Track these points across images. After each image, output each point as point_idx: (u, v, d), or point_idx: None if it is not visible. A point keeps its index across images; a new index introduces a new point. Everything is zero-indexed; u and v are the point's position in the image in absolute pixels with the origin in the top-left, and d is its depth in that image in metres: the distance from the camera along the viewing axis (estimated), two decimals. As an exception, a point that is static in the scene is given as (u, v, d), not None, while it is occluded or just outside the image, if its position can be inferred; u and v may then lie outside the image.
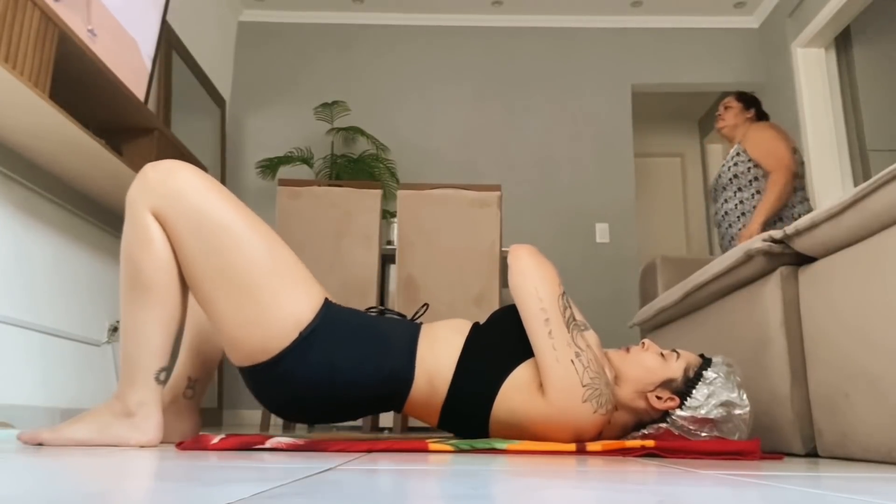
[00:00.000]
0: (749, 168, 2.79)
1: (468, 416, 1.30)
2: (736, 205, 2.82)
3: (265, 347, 1.22)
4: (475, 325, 1.38)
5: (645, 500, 0.57)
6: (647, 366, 1.34)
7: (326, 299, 1.29)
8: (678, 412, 1.30)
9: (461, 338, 1.33)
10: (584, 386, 1.20)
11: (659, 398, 1.32)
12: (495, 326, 1.36)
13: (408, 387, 1.28)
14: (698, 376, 1.32)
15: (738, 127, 2.94)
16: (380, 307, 1.46)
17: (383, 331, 1.31)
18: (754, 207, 2.76)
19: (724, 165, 2.90)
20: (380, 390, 1.28)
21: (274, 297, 1.20)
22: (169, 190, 1.19)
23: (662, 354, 1.36)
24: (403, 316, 1.46)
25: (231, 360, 1.28)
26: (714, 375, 1.31)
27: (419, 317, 1.55)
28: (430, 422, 1.36)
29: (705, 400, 1.29)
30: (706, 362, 1.35)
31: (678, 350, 1.38)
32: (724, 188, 2.88)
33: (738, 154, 2.84)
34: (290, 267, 1.24)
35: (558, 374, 1.20)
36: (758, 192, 2.76)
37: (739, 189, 2.81)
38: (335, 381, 1.24)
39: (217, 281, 1.19)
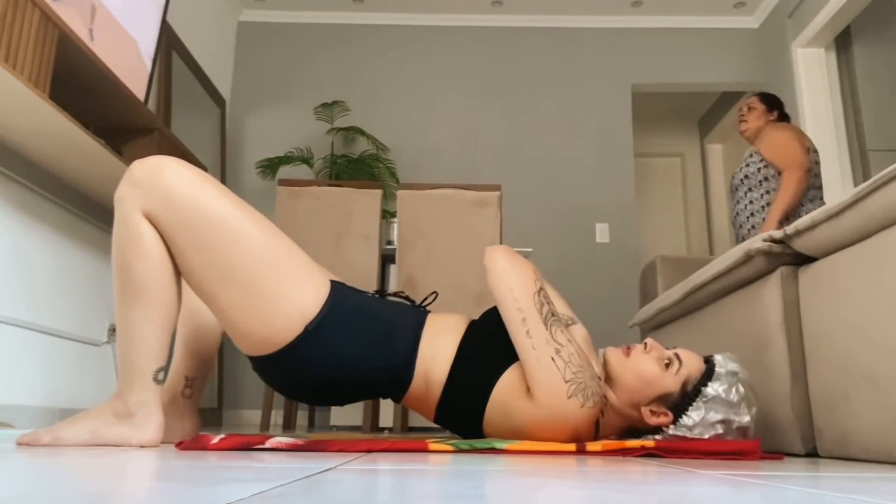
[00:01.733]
0: (759, 169, 2.80)
1: (462, 417, 1.31)
2: (746, 205, 2.84)
3: (271, 341, 1.22)
4: (471, 324, 1.37)
5: (645, 500, 0.57)
6: (644, 377, 1.28)
7: (333, 285, 1.27)
8: (670, 429, 1.27)
9: (457, 338, 1.32)
10: (566, 381, 1.18)
11: (653, 412, 1.28)
12: (486, 328, 1.34)
13: (407, 381, 1.29)
14: (697, 392, 1.26)
15: (761, 129, 2.93)
16: (385, 291, 1.45)
17: (390, 321, 1.30)
18: (763, 208, 2.77)
19: (738, 167, 2.93)
20: (381, 379, 1.29)
21: (277, 290, 1.19)
22: (158, 188, 1.16)
23: (665, 362, 1.29)
24: (412, 301, 1.45)
25: (237, 347, 1.27)
26: (714, 393, 1.25)
27: (427, 304, 1.52)
28: (427, 417, 1.36)
29: (700, 420, 1.25)
30: (707, 374, 1.27)
31: (681, 355, 1.30)
32: (737, 189, 2.91)
33: (750, 156, 2.85)
34: (291, 257, 1.22)
35: (540, 373, 1.19)
36: (767, 192, 2.77)
37: (750, 189, 2.82)
38: (341, 370, 1.25)
39: (215, 277, 1.17)
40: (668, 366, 1.28)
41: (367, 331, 1.26)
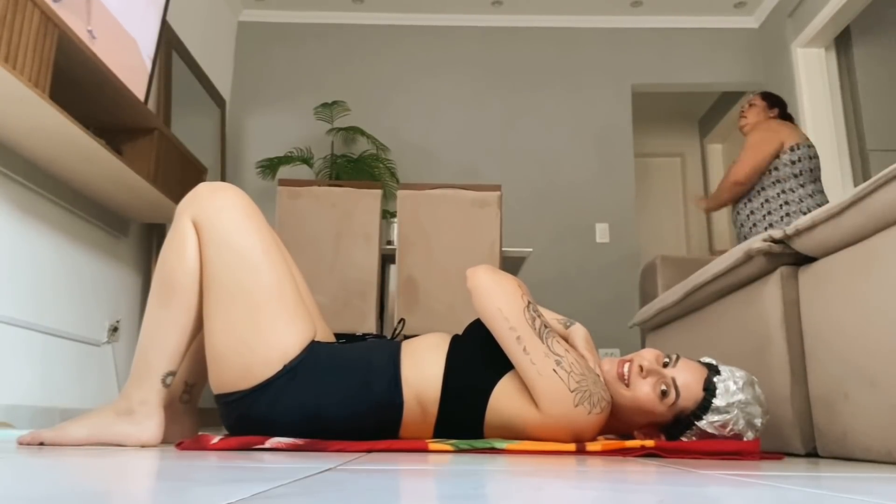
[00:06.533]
0: (771, 169, 2.78)
1: (461, 429, 1.29)
2: (762, 203, 2.81)
3: (249, 374, 1.22)
4: (454, 338, 1.36)
5: (645, 500, 0.57)
6: (638, 406, 1.26)
7: (314, 339, 1.31)
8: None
9: (442, 354, 1.31)
10: (572, 391, 1.18)
11: (645, 434, 1.30)
12: (473, 339, 1.33)
13: (399, 411, 1.26)
14: (689, 424, 1.25)
15: (760, 125, 2.92)
16: (353, 334, 1.45)
17: (366, 359, 1.30)
18: (780, 207, 2.75)
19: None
20: (372, 418, 1.27)
21: (269, 324, 1.24)
22: (211, 204, 1.27)
23: (661, 388, 1.24)
24: (383, 336, 1.45)
25: (211, 386, 1.28)
26: (706, 427, 1.23)
27: (398, 334, 1.54)
28: (426, 438, 1.34)
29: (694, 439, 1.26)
30: (703, 405, 1.23)
31: (679, 382, 1.24)
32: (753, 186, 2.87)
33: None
34: (291, 302, 1.28)
35: (544, 386, 1.19)
36: (783, 191, 2.75)
37: (763, 189, 2.80)
38: (322, 415, 1.24)
39: (222, 295, 1.23)
40: (664, 394, 1.24)
41: (346, 372, 1.26)
